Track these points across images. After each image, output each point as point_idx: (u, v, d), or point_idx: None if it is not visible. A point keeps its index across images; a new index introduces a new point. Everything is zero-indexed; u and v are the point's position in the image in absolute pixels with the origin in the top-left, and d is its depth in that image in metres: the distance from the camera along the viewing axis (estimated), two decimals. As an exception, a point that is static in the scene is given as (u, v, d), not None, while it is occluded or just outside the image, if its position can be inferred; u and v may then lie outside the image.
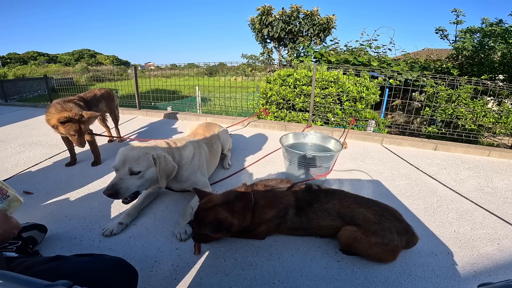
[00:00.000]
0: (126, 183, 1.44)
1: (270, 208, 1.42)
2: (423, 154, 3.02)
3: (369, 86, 4.61)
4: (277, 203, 1.43)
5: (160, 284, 1.22)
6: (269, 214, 1.42)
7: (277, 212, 1.42)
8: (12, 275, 0.49)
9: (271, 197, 1.45)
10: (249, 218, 1.39)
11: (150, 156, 1.52)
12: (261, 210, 1.41)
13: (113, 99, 3.06)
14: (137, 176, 1.47)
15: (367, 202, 1.44)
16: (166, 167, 1.57)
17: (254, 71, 10.39)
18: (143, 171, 1.49)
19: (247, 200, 1.40)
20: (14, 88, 16.11)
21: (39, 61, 58.71)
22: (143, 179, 1.50)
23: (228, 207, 1.34)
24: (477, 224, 1.74)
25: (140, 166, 1.48)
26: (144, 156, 1.50)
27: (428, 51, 11.73)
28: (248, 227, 1.42)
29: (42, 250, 1.40)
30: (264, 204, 1.42)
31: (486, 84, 3.84)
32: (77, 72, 19.08)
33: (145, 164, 1.49)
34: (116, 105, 3.14)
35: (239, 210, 1.36)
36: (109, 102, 2.98)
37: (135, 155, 1.49)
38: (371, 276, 1.29)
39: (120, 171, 1.47)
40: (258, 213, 1.41)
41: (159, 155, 1.56)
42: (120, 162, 1.48)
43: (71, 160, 2.50)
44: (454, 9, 8.23)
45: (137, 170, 1.46)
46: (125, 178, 1.46)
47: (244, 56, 19.77)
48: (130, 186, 1.45)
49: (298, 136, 2.43)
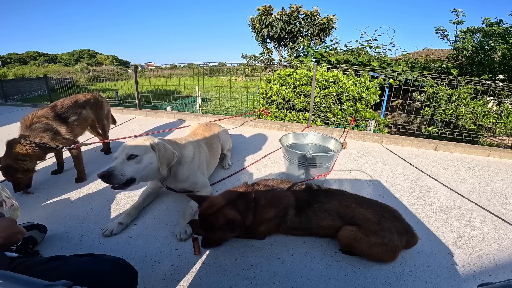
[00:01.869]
0: (122, 166, 1.45)
1: (271, 208, 1.42)
2: (423, 154, 3.02)
3: (369, 86, 4.61)
4: (277, 203, 1.44)
5: (160, 284, 1.22)
6: (270, 214, 1.42)
7: (277, 212, 1.43)
8: (12, 275, 0.49)
9: (272, 197, 1.45)
10: (251, 217, 1.39)
11: (148, 143, 1.54)
12: (262, 210, 1.41)
13: (102, 106, 2.64)
14: (135, 160, 1.48)
15: (367, 202, 1.44)
16: (166, 153, 1.58)
17: (254, 71, 10.39)
18: (140, 155, 1.49)
19: (249, 200, 1.41)
20: (14, 88, 16.10)
21: (39, 61, 58.71)
22: (141, 164, 1.50)
23: (233, 206, 1.35)
24: (477, 224, 1.74)
25: (137, 150, 1.49)
26: (141, 142, 1.53)
27: (428, 51, 11.72)
28: (250, 226, 1.42)
29: (42, 250, 1.40)
30: (265, 204, 1.42)
31: (486, 84, 3.84)
32: (77, 72, 19.08)
33: (143, 149, 1.51)
34: (105, 113, 2.72)
35: (242, 208, 1.37)
36: (97, 110, 2.57)
37: (133, 142, 1.53)
38: (371, 276, 1.29)
39: (118, 158, 1.49)
40: (259, 212, 1.41)
41: (158, 143, 1.58)
42: (119, 151, 1.52)
43: (58, 168, 2.36)
44: (454, 9, 8.24)
45: (134, 153, 1.47)
46: (123, 162, 1.46)
47: (244, 56, 19.77)
48: (126, 170, 1.44)
49: (298, 136, 2.43)
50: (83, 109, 2.37)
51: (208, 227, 1.34)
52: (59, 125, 2.10)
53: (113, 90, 8.17)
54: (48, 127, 2.01)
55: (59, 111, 2.17)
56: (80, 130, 2.38)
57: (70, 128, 2.19)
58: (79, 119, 2.30)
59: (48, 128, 2.01)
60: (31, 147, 1.87)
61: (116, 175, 1.40)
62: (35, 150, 1.88)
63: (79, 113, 2.31)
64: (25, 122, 1.98)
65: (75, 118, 2.25)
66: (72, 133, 2.19)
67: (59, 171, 2.36)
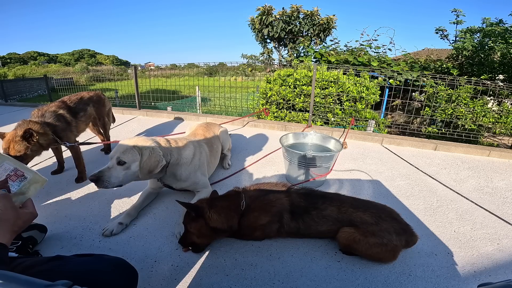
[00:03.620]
0: (111, 173, 1.47)
1: (261, 212, 1.40)
2: (423, 154, 3.02)
3: (369, 86, 4.61)
4: (268, 207, 1.41)
5: (160, 284, 1.22)
6: (262, 219, 1.40)
7: (270, 216, 1.40)
8: (12, 275, 0.49)
9: (262, 200, 1.43)
10: (236, 219, 1.38)
11: (137, 149, 1.54)
12: (251, 214, 1.39)
13: (103, 104, 2.71)
14: (123, 167, 1.50)
15: (364, 206, 1.43)
16: (149, 160, 1.55)
17: (254, 71, 10.39)
18: (128, 162, 1.51)
19: (233, 201, 1.41)
20: (14, 88, 16.11)
21: (39, 61, 58.71)
22: (128, 171, 1.51)
23: (210, 203, 1.39)
24: (477, 224, 1.74)
25: (126, 157, 1.50)
26: (131, 149, 1.53)
27: (428, 51, 11.72)
28: (240, 230, 1.41)
29: (42, 250, 1.40)
30: (254, 208, 1.40)
31: (486, 84, 3.85)
32: (77, 72, 19.10)
33: (131, 156, 1.51)
34: (107, 111, 2.78)
35: (223, 207, 1.38)
36: (99, 107, 2.63)
37: (124, 146, 1.54)
38: (371, 276, 1.29)
39: (112, 159, 1.52)
40: (249, 216, 1.39)
41: (146, 147, 1.57)
42: (113, 151, 1.54)
43: (58, 168, 2.35)
44: (454, 9, 8.23)
45: (123, 160, 1.49)
46: (112, 168, 1.49)
47: (244, 56, 19.74)
48: (114, 177, 1.47)
49: (298, 136, 2.43)
50: (87, 106, 2.44)
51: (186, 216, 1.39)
52: (70, 118, 2.17)
53: (113, 90, 8.18)
54: (61, 118, 2.08)
55: (70, 105, 2.26)
56: (84, 126, 2.43)
57: (78, 123, 2.26)
58: (85, 115, 2.38)
59: (61, 119, 2.08)
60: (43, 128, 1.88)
61: (102, 182, 1.45)
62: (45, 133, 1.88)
63: (85, 109, 2.39)
64: (38, 112, 2.01)
65: (82, 114, 2.33)
66: (77, 129, 2.26)
67: (59, 171, 2.36)
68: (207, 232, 1.37)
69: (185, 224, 1.39)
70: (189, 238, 1.39)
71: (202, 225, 1.34)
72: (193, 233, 1.37)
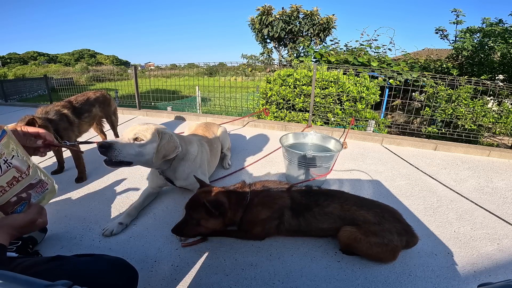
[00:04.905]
0: (123, 146, 1.44)
1: (263, 208, 1.41)
2: (423, 154, 3.02)
3: (369, 86, 4.61)
4: (271, 203, 1.43)
5: (160, 284, 1.22)
6: (263, 214, 1.41)
7: (271, 212, 1.41)
8: (12, 275, 0.49)
9: (265, 196, 1.45)
10: (239, 214, 1.40)
11: (158, 132, 1.54)
12: (253, 209, 1.41)
13: (109, 104, 2.78)
14: (139, 144, 1.48)
15: (368, 204, 1.43)
16: (168, 145, 1.56)
17: (254, 71, 10.39)
18: (146, 141, 1.49)
19: (242, 196, 1.42)
20: (14, 88, 16.10)
21: (39, 61, 58.72)
22: (143, 150, 1.49)
23: (227, 196, 1.38)
24: (477, 224, 1.74)
25: (146, 134, 1.50)
26: (153, 129, 1.53)
27: (428, 51, 11.72)
28: (240, 225, 1.43)
29: (42, 250, 1.40)
30: (257, 203, 1.42)
31: (486, 84, 3.84)
32: (77, 72, 19.09)
33: (151, 137, 1.51)
34: (113, 110, 2.88)
35: (234, 202, 1.39)
36: (105, 107, 2.70)
37: (145, 126, 1.54)
38: (371, 276, 1.29)
39: (124, 136, 1.49)
40: (251, 211, 1.41)
41: (165, 132, 1.59)
42: (128, 130, 1.51)
43: (58, 168, 2.35)
44: (454, 9, 8.23)
45: (142, 137, 1.48)
46: (127, 142, 1.46)
47: (244, 56, 19.74)
48: (127, 151, 1.43)
49: (298, 136, 2.43)
50: (93, 107, 2.50)
51: (193, 204, 1.34)
52: (73, 118, 2.20)
53: (113, 90, 8.18)
54: (64, 117, 2.11)
55: (76, 105, 2.30)
56: (87, 127, 2.46)
57: (80, 124, 2.29)
58: (89, 116, 2.42)
59: (64, 118, 2.10)
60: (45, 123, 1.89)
61: (113, 150, 1.39)
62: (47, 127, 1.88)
63: (89, 110, 2.43)
64: (43, 110, 2.03)
65: (86, 115, 2.38)
66: (79, 129, 2.28)
67: (59, 170, 2.36)
68: (221, 228, 1.41)
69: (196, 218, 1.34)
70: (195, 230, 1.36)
71: (220, 222, 1.35)
72: (206, 228, 1.36)
